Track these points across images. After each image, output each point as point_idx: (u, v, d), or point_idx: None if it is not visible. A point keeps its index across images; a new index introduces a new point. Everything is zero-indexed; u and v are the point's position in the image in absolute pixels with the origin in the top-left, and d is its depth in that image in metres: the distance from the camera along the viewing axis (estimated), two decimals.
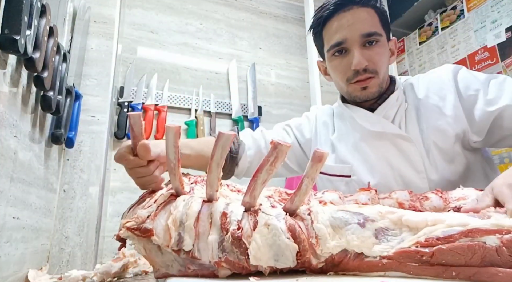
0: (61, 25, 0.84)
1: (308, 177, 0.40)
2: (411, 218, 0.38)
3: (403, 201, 0.52)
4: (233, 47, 1.76)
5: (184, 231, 0.41)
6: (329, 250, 0.38)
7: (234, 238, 0.39)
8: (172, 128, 0.42)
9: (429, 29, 1.78)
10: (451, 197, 0.51)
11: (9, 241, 0.60)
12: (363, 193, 0.54)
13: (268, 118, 1.74)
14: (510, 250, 0.33)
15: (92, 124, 1.00)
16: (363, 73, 0.69)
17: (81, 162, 0.97)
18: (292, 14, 1.97)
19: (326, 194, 0.54)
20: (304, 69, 1.86)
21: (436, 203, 0.51)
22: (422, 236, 0.36)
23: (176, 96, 1.55)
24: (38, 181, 0.75)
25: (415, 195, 0.53)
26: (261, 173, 0.40)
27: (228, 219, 0.41)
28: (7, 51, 0.54)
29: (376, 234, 0.38)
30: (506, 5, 1.43)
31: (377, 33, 0.69)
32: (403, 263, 0.36)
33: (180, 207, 0.43)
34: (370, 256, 0.38)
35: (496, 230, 0.34)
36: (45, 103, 0.71)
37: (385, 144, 0.73)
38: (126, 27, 1.56)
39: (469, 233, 0.34)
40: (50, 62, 0.67)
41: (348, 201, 0.53)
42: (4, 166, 0.57)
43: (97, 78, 1.04)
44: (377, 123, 0.73)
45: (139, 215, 0.44)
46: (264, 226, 0.39)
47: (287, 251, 0.38)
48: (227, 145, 0.40)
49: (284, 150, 0.38)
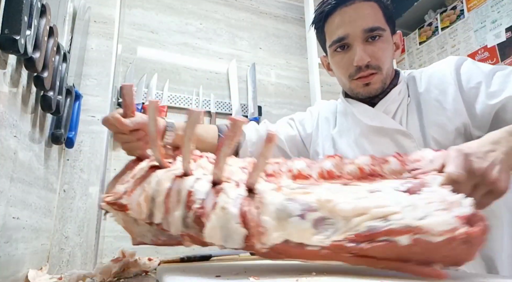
0: (61, 25, 0.84)
1: (262, 155, 0.43)
2: (342, 207, 0.41)
3: (364, 166, 0.53)
4: (233, 47, 1.76)
5: (154, 206, 0.46)
6: (272, 240, 0.41)
7: (196, 216, 0.43)
8: (152, 103, 0.46)
9: (429, 29, 1.78)
10: (408, 160, 0.52)
11: (9, 241, 0.60)
12: (328, 159, 0.55)
13: (268, 118, 1.74)
14: (417, 248, 0.36)
15: (92, 124, 1.00)
16: (366, 69, 0.68)
17: (81, 162, 0.97)
18: (292, 14, 1.97)
19: (296, 163, 0.56)
20: (304, 69, 1.86)
21: (395, 166, 0.52)
22: (352, 229, 0.39)
23: (176, 96, 1.55)
24: (38, 181, 0.75)
25: (377, 159, 0.53)
26: (223, 147, 0.44)
27: (192, 197, 0.45)
28: (7, 51, 0.54)
29: (315, 224, 0.41)
30: (506, 5, 1.43)
31: (380, 28, 0.68)
32: (338, 253, 0.39)
33: (152, 184, 0.47)
34: (310, 245, 0.40)
35: (407, 230, 0.36)
36: (45, 103, 0.71)
37: (385, 140, 0.71)
38: (126, 27, 1.56)
39: (386, 233, 0.37)
40: (50, 62, 0.67)
41: (314, 168, 0.55)
42: (4, 166, 0.57)
43: (97, 78, 1.04)
44: (376, 118, 0.72)
45: (117, 190, 0.49)
46: (221, 209, 0.43)
47: (235, 235, 0.42)
48: (197, 121, 0.44)
49: (239, 125, 0.42)
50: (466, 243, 0.35)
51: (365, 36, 0.68)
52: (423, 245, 0.36)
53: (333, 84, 1.96)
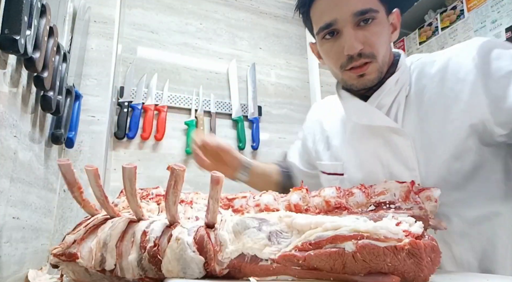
0: (61, 25, 0.84)
1: (211, 198, 0.43)
2: (298, 221, 0.41)
3: (330, 198, 0.53)
4: (233, 47, 1.76)
5: (106, 251, 0.44)
6: (228, 254, 0.41)
7: (150, 256, 0.42)
8: (91, 170, 0.46)
9: (429, 29, 1.78)
10: (373, 192, 0.52)
11: (9, 241, 0.60)
12: (295, 192, 0.55)
13: (268, 118, 1.74)
14: (363, 255, 0.34)
15: (92, 124, 1.00)
16: (358, 58, 0.60)
17: (81, 162, 0.97)
18: (292, 14, 1.96)
19: (263, 197, 0.56)
20: (304, 69, 1.86)
21: (359, 199, 0.52)
22: (301, 240, 0.38)
23: (176, 96, 1.55)
24: (38, 181, 0.75)
25: (342, 191, 0.54)
26: (169, 196, 0.43)
27: (147, 237, 0.44)
28: (7, 51, 0.54)
29: (269, 236, 0.41)
30: (506, 5, 1.43)
31: (373, 10, 0.59)
32: (288, 266, 0.38)
33: (106, 229, 0.46)
34: (262, 258, 0.40)
35: (352, 236, 0.35)
36: (45, 103, 0.70)
37: (376, 138, 0.64)
38: (126, 27, 1.56)
39: (333, 240, 0.36)
40: (50, 62, 0.67)
41: (282, 202, 0.55)
42: (4, 166, 0.57)
43: (97, 78, 1.04)
44: (365, 115, 0.64)
45: (66, 240, 0.47)
46: (175, 240, 0.42)
47: (193, 264, 0.41)
48: (133, 176, 0.43)
49: (180, 174, 0.41)
50: (413, 257, 0.34)
51: (355, 20, 0.59)
52: (368, 250, 0.34)
53: (333, 84, 1.95)
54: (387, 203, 0.49)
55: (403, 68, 0.64)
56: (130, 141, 1.44)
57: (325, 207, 0.53)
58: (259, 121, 1.68)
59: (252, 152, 1.66)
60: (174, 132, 1.53)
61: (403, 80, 0.64)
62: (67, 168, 0.46)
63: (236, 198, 0.58)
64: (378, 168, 0.65)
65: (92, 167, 0.45)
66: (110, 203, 0.48)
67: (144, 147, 1.46)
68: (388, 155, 0.63)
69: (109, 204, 0.48)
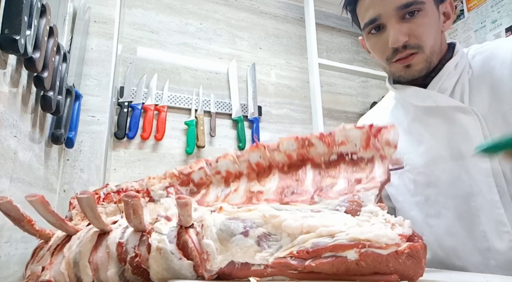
0: (61, 25, 0.84)
1: (183, 215, 0.41)
2: (289, 224, 0.39)
3: (291, 152, 0.52)
4: (233, 47, 1.76)
5: (79, 270, 0.41)
6: (218, 264, 0.39)
7: (134, 267, 0.40)
8: (36, 200, 0.41)
9: None
10: (333, 141, 0.50)
11: (9, 241, 0.60)
12: (254, 151, 0.53)
13: (268, 118, 1.74)
14: (367, 262, 0.36)
15: (92, 124, 1.00)
16: (403, 50, 0.61)
17: (81, 162, 0.97)
18: (292, 14, 1.97)
19: (220, 162, 0.54)
20: (304, 69, 1.86)
21: (321, 149, 0.51)
22: (296, 246, 0.37)
23: (176, 96, 1.55)
24: (38, 181, 0.75)
25: (301, 140, 0.52)
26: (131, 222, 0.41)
27: (124, 248, 0.41)
28: (7, 51, 0.54)
29: (258, 241, 0.39)
30: (506, 5, 1.43)
31: (417, 2, 0.59)
32: (283, 270, 0.37)
33: (73, 247, 0.43)
34: (254, 264, 0.38)
35: (354, 245, 0.36)
36: (45, 103, 0.70)
37: (441, 121, 0.63)
38: (126, 27, 1.56)
39: (333, 248, 0.36)
40: (50, 62, 0.67)
41: (242, 162, 0.53)
42: (4, 166, 0.57)
43: (97, 78, 1.04)
44: (428, 97, 0.63)
45: (33, 271, 0.43)
46: (156, 251, 0.40)
47: (183, 270, 0.40)
48: (93, 203, 0.41)
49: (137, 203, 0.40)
50: (412, 258, 0.36)
51: (400, 13, 0.59)
52: (372, 258, 0.35)
53: (333, 84, 1.96)
54: (349, 153, 0.49)
55: (460, 53, 0.64)
56: (130, 141, 1.44)
57: (288, 161, 0.52)
58: (259, 121, 1.69)
59: None
60: (174, 132, 1.53)
61: (463, 64, 0.64)
62: (8, 206, 0.40)
63: (193, 172, 0.55)
64: (445, 152, 0.63)
65: (34, 196, 0.40)
66: (68, 223, 0.45)
67: (144, 147, 1.46)
68: (456, 137, 0.61)
69: (67, 224, 0.45)
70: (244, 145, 1.61)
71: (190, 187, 0.56)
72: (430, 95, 0.63)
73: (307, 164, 0.51)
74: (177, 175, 0.55)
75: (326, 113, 1.83)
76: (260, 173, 0.53)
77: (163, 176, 0.56)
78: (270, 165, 0.52)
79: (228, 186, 0.54)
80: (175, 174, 0.55)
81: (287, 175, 0.52)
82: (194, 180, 0.55)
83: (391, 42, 0.60)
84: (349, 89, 1.98)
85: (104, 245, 0.43)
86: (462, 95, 0.62)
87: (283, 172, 0.52)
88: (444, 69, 0.63)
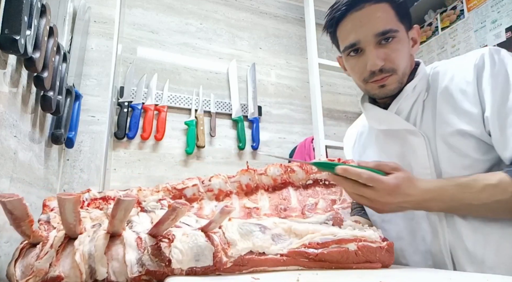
0: (61, 25, 0.84)
1: (215, 222, 0.46)
2: (297, 227, 0.51)
3: (276, 176, 0.65)
4: (233, 47, 1.76)
5: (94, 261, 0.43)
6: (239, 252, 0.45)
7: (155, 249, 0.44)
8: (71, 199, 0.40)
9: (429, 29, 1.79)
10: (311, 169, 0.65)
11: (9, 241, 0.60)
12: (244, 174, 0.64)
13: (268, 118, 1.74)
14: (363, 252, 0.51)
15: (92, 124, 1.00)
16: (380, 74, 0.67)
17: (81, 162, 0.97)
18: (292, 14, 1.97)
19: (213, 181, 0.62)
20: (304, 69, 1.86)
21: (300, 175, 0.65)
22: (306, 240, 0.49)
23: (176, 96, 1.55)
24: (38, 181, 0.75)
25: (284, 167, 0.65)
26: (163, 225, 0.44)
27: (143, 241, 0.45)
28: (7, 51, 0.54)
29: (273, 238, 0.49)
30: (506, 5, 1.43)
31: (392, 30, 0.66)
32: (296, 259, 0.48)
33: (86, 242, 0.44)
34: (270, 254, 0.47)
35: (353, 239, 0.51)
36: (45, 103, 0.70)
37: (396, 141, 0.71)
38: (126, 27, 1.56)
39: (338, 241, 0.50)
40: (50, 62, 0.67)
41: (232, 183, 0.63)
42: (4, 166, 0.57)
43: (97, 78, 1.04)
44: (385, 121, 0.71)
45: (39, 267, 0.42)
46: (183, 235, 0.45)
47: (206, 251, 0.44)
48: (130, 208, 0.42)
49: (184, 211, 0.42)
50: (387, 252, 0.52)
51: (377, 39, 0.66)
52: (366, 249, 0.51)
53: (333, 84, 1.96)
54: (323, 180, 0.65)
55: (421, 75, 0.70)
56: (130, 141, 1.44)
57: (273, 183, 0.64)
58: (259, 121, 1.69)
59: (252, 152, 1.66)
60: (174, 132, 1.53)
61: (421, 86, 0.70)
62: (16, 204, 0.38)
63: (186, 187, 0.61)
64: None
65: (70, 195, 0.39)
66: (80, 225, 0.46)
67: (144, 147, 1.46)
68: (408, 156, 0.69)
69: (80, 226, 0.46)
70: (244, 145, 1.61)
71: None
72: (387, 119, 0.71)
73: (288, 186, 0.64)
74: (170, 189, 0.61)
75: (326, 113, 1.83)
76: (248, 192, 0.64)
77: (155, 189, 0.61)
78: (257, 186, 0.64)
79: (220, 201, 0.62)
80: (168, 188, 0.61)
81: (273, 194, 0.64)
82: (187, 195, 0.61)
83: (369, 65, 0.67)
84: (349, 89, 1.98)
85: (119, 240, 0.45)
86: (416, 117, 0.69)
87: (269, 192, 0.64)
88: (403, 91, 0.69)
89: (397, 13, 0.67)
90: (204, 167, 1.54)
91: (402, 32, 0.68)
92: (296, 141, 1.73)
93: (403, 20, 0.68)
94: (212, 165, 1.56)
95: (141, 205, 0.58)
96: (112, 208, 0.42)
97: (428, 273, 0.52)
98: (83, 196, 0.59)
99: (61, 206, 0.40)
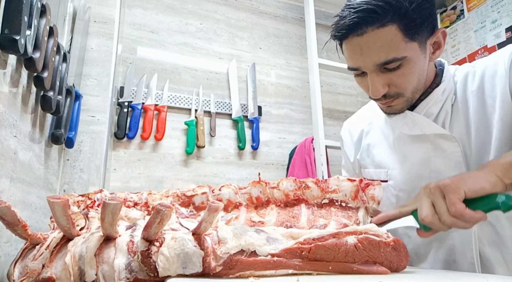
0: (61, 25, 0.84)
1: (206, 222, 0.43)
2: (293, 231, 0.48)
3: (289, 192, 0.59)
4: (233, 47, 1.76)
5: (84, 263, 0.42)
6: (228, 250, 0.42)
7: (144, 256, 0.42)
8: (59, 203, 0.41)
9: None
10: (327, 187, 0.59)
11: (9, 241, 0.60)
12: (255, 186, 0.59)
13: (268, 118, 1.74)
14: (364, 245, 0.45)
15: (92, 124, 1.00)
16: (383, 99, 0.63)
17: (81, 162, 0.97)
18: (292, 14, 1.97)
19: (223, 190, 0.60)
20: (304, 69, 1.86)
21: (315, 193, 0.59)
22: (301, 239, 0.45)
23: (176, 96, 1.55)
24: (38, 181, 0.75)
25: (298, 183, 0.59)
26: (150, 228, 0.42)
27: (135, 245, 0.43)
28: (7, 51, 0.54)
29: (267, 240, 0.45)
30: (506, 5, 1.43)
31: (397, 59, 0.58)
32: (288, 259, 0.43)
33: (79, 243, 0.44)
34: (262, 254, 0.43)
35: (353, 232, 0.46)
36: (45, 103, 0.70)
37: (425, 145, 0.67)
38: (126, 27, 1.56)
39: (336, 235, 0.45)
40: (50, 62, 0.67)
41: (242, 195, 0.59)
42: (4, 166, 0.57)
43: (97, 78, 1.04)
44: (416, 125, 0.66)
45: (32, 268, 0.42)
46: (171, 239, 0.42)
47: (194, 258, 0.42)
48: (116, 211, 0.41)
49: (168, 214, 0.41)
50: (395, 251, 0.46)
51: (379, 68, 0.60)
52: (368, 241, 0.45)
53: (333, 84, 1.96)
54: (339, 201, 0.58)
55: (448, 77, 0.67)
56: (130, 141, 1.44)
57: (285, 199, 0.59)
58: (259, 121, 1.69)
59: (252, 152, 1.66)
60: (174, 132, 1.53)
61: (449, 89, 0.66)
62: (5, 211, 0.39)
63: (195, 195, 0.59)
64: (426, 172, 0.67)
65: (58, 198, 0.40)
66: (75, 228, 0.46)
67: (144, 147, 1.46)
68: (438, 160, 0.66)
69: (75, 228, 0.46)
70: (244, 145, 1.61)
71: (190, 209, 0.59)
72: (417, 123, 0.66)
73: (301, 203, 0.59)
74: (180, 195, 0.59)
75: (326, 113, 1.83)
76: (258, 206, 0.60)
77: (165, 193, 0.60)
78: (268, 200, 0.60)
79: (227, 213, 0.59)
80: (177, 194, 0.59)
81: (283, 210, 0.59)
82: (195, 203, 0.59)
83: (371, 92, 0.62)
84: (349, 89, 1.98)
85: (113, 243, 0.44)
86: (444, 120, 0.66)
87: (280, 208, 0.59)
88: (433, 95, 0.66)
89: (407, 33, 0.58)
90: (204, 167, 1.54)
91: (413, 51, 0.60)
92: (296, 141, 1.73)
93: (416, 35, 0.59)
94: (212, 165, 1.56)
95: (148, 209, 0.58)
96: (100, 211, 0.42)
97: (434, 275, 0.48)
98: (95, 196, 0.59)
99: (51, 208, 0.41)
